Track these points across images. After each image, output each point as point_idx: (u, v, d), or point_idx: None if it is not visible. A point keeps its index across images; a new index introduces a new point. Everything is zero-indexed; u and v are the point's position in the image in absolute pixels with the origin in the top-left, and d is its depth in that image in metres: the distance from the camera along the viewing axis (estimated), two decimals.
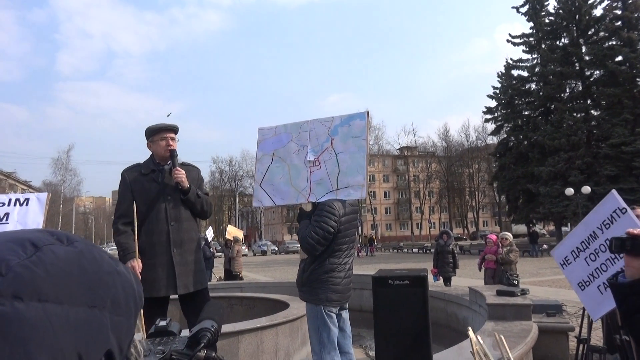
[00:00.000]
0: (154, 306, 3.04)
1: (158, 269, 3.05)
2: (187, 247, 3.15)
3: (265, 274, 22.43)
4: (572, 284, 3.29)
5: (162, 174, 3.20)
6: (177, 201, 3.14)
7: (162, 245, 3.08)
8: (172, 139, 3.25)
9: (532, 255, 27.02)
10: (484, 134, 62.84)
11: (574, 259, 3.24)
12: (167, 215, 3.11)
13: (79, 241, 0.52)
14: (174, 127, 3.30)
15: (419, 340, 3.59)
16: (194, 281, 3.13)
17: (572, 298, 10.68)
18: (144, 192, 3.14)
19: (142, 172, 3.21)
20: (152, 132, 3.25)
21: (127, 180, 3.20)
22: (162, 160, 3.24)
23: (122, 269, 0.55)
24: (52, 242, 0.49)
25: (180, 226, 3.13)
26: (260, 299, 8.28)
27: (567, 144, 32.20)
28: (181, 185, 3.11)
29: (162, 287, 3.04)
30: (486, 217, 77.13)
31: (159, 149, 3.22)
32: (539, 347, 5.31)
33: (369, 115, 3.06)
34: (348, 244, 3.02)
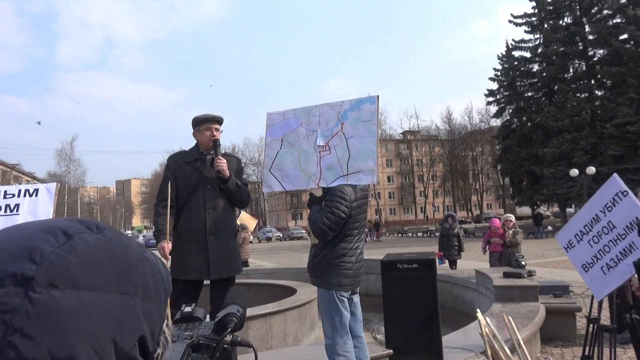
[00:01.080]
0: (188, 289, 3.13)
1: (194, 253, 3.17)
2: (223, 235, 3.25)
3: (271, 260, 22.55)
4: (576, 266, 3.35)
5: (204, 163, 3.31)
6: (216, 190, 3.25)
7: (198, 232, 3.19)
8: (217, 129, 3.35)
9: (537, 237, 27.07)
10: (487, 116, 62.59)
11: (578, 242, 3.30)
12: (205, 204, 3.21)
13: (107, 229, 0.53)
14: (219, 118, 3.40)
15: (429, 323, 3.62)
16: (227, 267, 3.24)
17: (578, 279, 10.70)
18: (185, 179, 3.25)
19: (186, 160, 3.33)
20: (198, 121, 3.35)
21: (171, 166, 3.32)
22: (206, 150, 3.35)
23: (150, 256, 0.55)
24: (83, 230, 0.50)
25: (216, 214, 3.24)
26: (268, 285, 8.35)
27: (570, 124, 32.00)
28: (222, 174, 3.21)
29: (195, 271, 3.16)
30: (490, 200, 77.12)
31: (203, 138, 3.31)
32: (546, 327, 5.35)
33: (379, 99, 3.03)
34: (359, 229, 3.04)
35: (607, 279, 3.09)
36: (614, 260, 3.05)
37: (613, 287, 3.10)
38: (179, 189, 3.24)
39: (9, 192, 3.30)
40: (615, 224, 3.06)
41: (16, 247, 0.46)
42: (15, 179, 65.51)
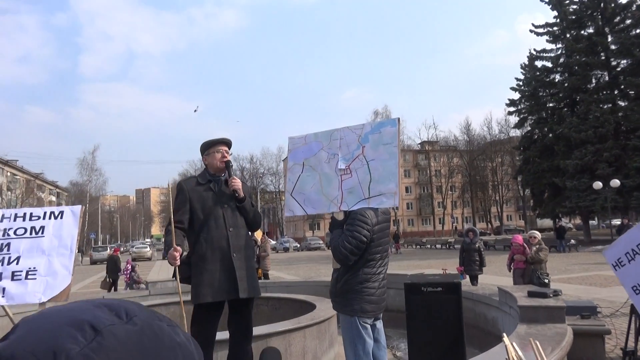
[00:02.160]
0: (213, 310, 3.09)
1: (219, 273, 3.12)
2: (246, 253, 3.24)
3: (289, 272, 22.50)
4: (625, 286, 3.14)
5: (218, 184, 3.31)
6: (233, 209, 3.25)
7: (222, 251, 3.15)
8: (226, 151, 3.37)
9: (560, 250, 26.48)
10: (506, 127, 61.89)
11: (629, 262, 3.10)
12: (226, 222, 3.20)
13: (138, 315, 0.50)
14: (227, 140, 3.43)
15: (453, 347, 3.52)
16: (253, 286, 3.21)
17: (604, 297, 10.43)
18: (201, 200, 3.24)
19: (198, 182, 3.33)
20: (207, 145, 3.38)
21: (184, 189, 3.30)
22: (217, 172, 3.35)
23: (182, 339, 0.53)
24: (112, 322, 0.48)
25: (238, 232, 3.23)
26: (286, 300, 8.27)
27: (594, 136, 31.40)
28: (237, 193, 3.22)
29: (224, 291, 3.11)
30: (510, 212, 75.98)
31: (214, 161, 3.33)
32: (573, 350, 5.16)
33: (400, 122, 2.98)
34: (381, 253, 2.97)
35: None
36: None
37: None
38: (194, 210, 3.22)
39: (34, 215, 3.32)
40: None
41: (40, 347, 0.43)
42: (39, 188, 66.86)
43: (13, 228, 3.20)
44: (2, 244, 3.12)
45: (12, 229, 3.20)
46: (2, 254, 3.08)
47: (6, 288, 2.97)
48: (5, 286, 2.97)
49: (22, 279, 3.01)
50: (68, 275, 3.11)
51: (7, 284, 2.98)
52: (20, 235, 3.18)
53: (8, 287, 2.97)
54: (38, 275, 3.04)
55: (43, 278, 3.05)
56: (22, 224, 3.22)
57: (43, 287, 3.02)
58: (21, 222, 3.23)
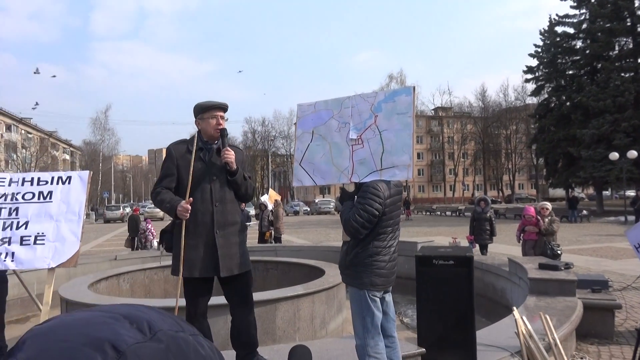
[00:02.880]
0: (198, 286, 3.04)
1: (200, 249, 2.99)
2: (231, 229, 3.08)
3: (299, 236, 22.70)
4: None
5: (209, 153, 3.12)
6: (222, 182, 3.07)
7: (205, 226, 3.01)
8: (222, 117, 3.16)
9: (571, 221, 26.30)
10: (523, 94, 60.61)
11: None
12: (212, 196, 3.04)
13: (162, 329, 0.45)
14: (224, 105, 3.20)
15: (463, 321, 3.50)
16: (237, 263, 3.07)
17: (615, 269, 10.38)
18: (189, 170, 3.05)
19: (189, 149, 3.12)
20: (201, 109, 3.15)
21: (173, 155, 3.12)
22: (210, 139, 3.15)
23: (207, 352, 0.48)
24: (135, 339, 0.42)
25: (224, 208, 3.06)
26: (296, 264, 8.34)
27: (613, 105, 30.61)
28: (229, 166, 3.03)
29: (203, 268, 2.99)
30: (522, 180, 75.39)
31: (208, 127, 3.12)
32: (582, 323, 5.15)
33: (416, 90, 2.85)
34: (393, 227, 2.91)
35: None
36: None
37: None
38: (182, 180, 3.04)
39: (42, 179, 3.28)
40: None
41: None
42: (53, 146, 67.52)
43: (21, 192, 3.18)
44: (11, 209, 3.11)
45: (20, 193, 3.17)
46: (10, 219, 3.07)
47: (15, 253, 2.97)
48: (15, 251, 2.98)
49: (30, 244, 3.00)
50: (76, 241, 3.10)
51: (16, 249, 2.98)
52: (28, 200, 3.16)
53: (17, 252, 2.98)
54: (47, 241, 3.04)
55: (52, 243, 3.04)
56: (30, 189, 3.20)
57: (52, 253, 3.02)
58: (29, 186, 3.21)
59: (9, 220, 3.05)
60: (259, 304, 5.08)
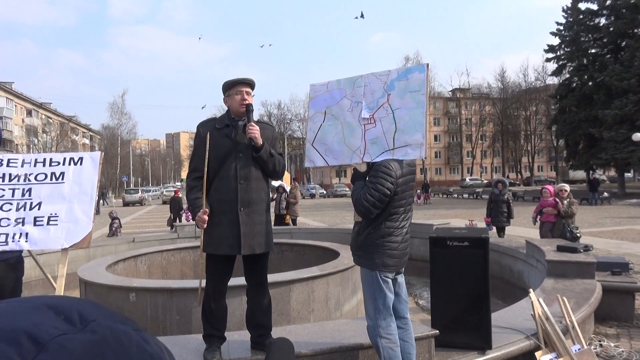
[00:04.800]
0: (219, 264, 3.05)
1: (224, 227, 3.00)
2: (255, 208, 3.07)
3: (314, 218, 22.76)
4: None
5: (235, 130, 3.11)
6: (248, 159, 3.06)
7: (229, 204, 3.02)
8: (248, 93, 3.14)
9: (591, 203, 25.86)
10: (543, 74, 59.29)
11: None
12: (237, 173, 3.03)
13: (96, 320, 0.38)
14: (250, 80, 3.19)
15: (478, 303, 3.45)
16: (259, 243, 3.07)
17: (636, 252, 10.17)
18: (216, 147, 3.07)
19: (216, 127, 3.14)
20: (228, 86, 3.16)
21: (201, 134, 3.13)
22: (237, 116, 3.14)
23: (154, 349, 0.41)
24: (61, 331, 0.35)
25: (249, 185, 3.05)
26: (311, 246, 8.35)
27: (637, 84, 29.74)
28: (254, 142, 3.01)
29: (226, 246, 3.00)
30: (541, 162, 74.23)
31: (234, 103, 3.11)
32: (601, 306, 5.06)
33: (429, 68, 2.77)
34: (405, 207, 2.85)
35: None
36: None
37: None
38: (210, 157, 3.05)
39: (54, 160, 3.29)
40: None
41: None
42: (73, 131, 68.52)
43: (34, 173, 3.20)
44: (24, 189, 3.13)
45: (32, 174, 3.19)
46: (24, 199, 3.09)
47: (29, 233, 3.00)
48: (29, 231, 3.00)
49: (44, 225, 3.03)
50: (89, 222, 3.12)
51: (30, 229, 3.01)
52: (41, 180, 3.18)
53: (31, 232, 3.00)
54: (60, 221, 3.06)
55: (65, 224, 3.06)
56: (43, 170, 3.21)
57: (65, 233, 3.04)
58: (41, 167, 3.23)
59: (22, 201, 3.08)
60: (273, 285, 5.10)
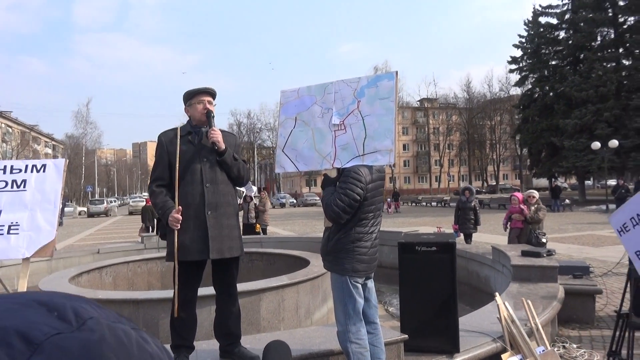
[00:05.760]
0: (189, 270, 3.00)
1: (192, 231, 2.96)
2: (223, 211, 3.05)
3: (284, 227, 22.69)
4: (628, 251, 3.07)
5: (198, 136, 3.12)
6: (213, 163, 3.05)
7: (196, 207, 2.99)
8: (210, 102, 3.16)
9: (554, 210, 26.66)
10: (507, 85, 61.08)
11: (633, 227, 3.02)
12: (203, 177, 3.02)
13: (94, 318, 0.35)
14: (211, 90, 3.21)
15: (446, 307, 3.51)
16: (228, 247, 3.03)
17: (596, 256, 10.53)
18: (180, 154, 3.06)
19: (177, 134, 3.13)
20: (189, 95, 3.18)
21: (162, 142, 3.12)
22: (199, 124, 3.16)
23: (154, 349, 0.39)
24: (56, 330, 0.33)
25: (216, 188, 3.04)
26: (281, 255, 8.32)
27: (595, 95, 31.00)
28: (217, 146, 3.01)
29: (194, 251, 2.96)
30: (506, 171, 76.21)
31: (195, 112, 3.13)
32: (564, 308, 5.22)
33: (398, 75, 2.82)
34: (374, 212, 2.89)
35: None
36: None
37: None
38: (172, 165, 3.03)
39: (15, 167, 3.17)
40: None
41: None
42: (34, 140, 66.40)
43: None
44: None
45: None
46: None
47: None
48: None
49: (4, 234, 2.91)
50: (52, 230, 3.01)
51: None
52: (1, 188, 3.07)
53: None
54: (21, 230, 2.95)
55: (26, 233, 2.95)
56: (3, 177, 3.09)
57: (26, 243, 2.93)
58: (1, 175, 3.10)
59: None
60: (243, 294, 5.04)
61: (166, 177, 3.03)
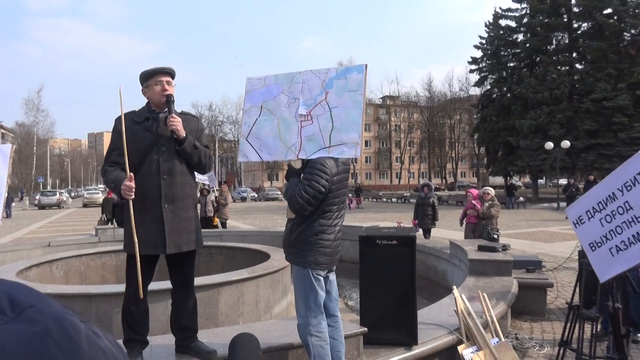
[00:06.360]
0: (142, 263, 2.87)
1: (148, 225, 2.82)
2: (181, 204, 2.91)
3: (245, 221, 22.48)
4: (582, 243, 3.15)
5: (156, 123, 2.92)
6: (171, 153, 2.88)
7: (152, 200, 2.84)
8: (169, 83, 2.94)
9: (509, 207, 27.56)
10: (467, 84, 62.62)
11: (588, 219, 3.10)
12: (160, 168, 2.86)
13: (35, 306, 0.31)
14: (170, 70, 2.99)
15: (405, 300, 3.54)
16: (186, 240, 2.91)
17: (548, 251, 10.96)
18: (136, 141, 2.86)
19: (135, 120, 2.92)
20: (146, 76, 2.95)
21: (118, 127, 2.90)
22: (158, 107, 2.95)
23: (107, 344, 0.34)
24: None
25: (173, 180, 2.88)
26: (241, 249, 8.21)
27: (549, 97, 32.20)
28: (176, 135, 2.84)
29: (150, 245, 2.83)
30: (464, 169, 78.23)
31: (153, 94, 2.92)
32: (517, 301, 5.39)
33: (367, 68, 2.81)
34: (339, 205, 2.87)
35: (614, 261, 2.94)
36: (625, 243, 2.87)
37: (619, 270, 2.95)
38: (129, 152, 2.84)
39: None
40: (633, 205, 2.84)
41: None
42: None
43: None
44: None
45: None
46: None
47: None
48: None
49: None
50: None
51: None
52: None
53: None
54: None
55: None
56: None
57: None
58: None
59: None
60: (201, 288, 4.93)
61: (122, 162, 2.86)
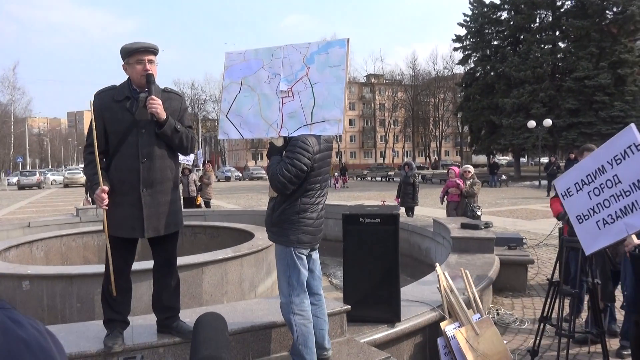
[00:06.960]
0: (122, 245, 2.82)
1: (126, 208, 2.76)
2: (160, 188, 2.83)
3: (229, 201, 22.39)
4: (569, 215, 3.17)
5: (137, 103, 2.79)
6: (151, 135, 2.78)
7: (130, 184, 2.76)
8: (151, 61, 2.81)
9: (491, 185, 27.90)
10: (451, 63, 62.56)
11: (577, 192, 3.10)
12: (139, 152, 2.75)
13: None
14: (152, 47, 2.84)
15: (388, 278, 3.55)
16: (165, 224, 2.85)
17: (529, 229, 11.13)
18: (115, 122, 2.76)
19: (114, 99, 2.80)
20: (126, 52, 2.80)
21: (97, 105, 2.79)
22: (139, 86, 2.82)
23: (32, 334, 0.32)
24: None
25: (152, 164, 2.79)
26: (224, 228, 8.18)
27: (532, 76, 32.34)
28: (156, 117, 2.73)
29: (128, 228, 2.78)
30: (448, 147, 78.72)
31: (134, 73, 2.78)
32: (498, 278, 5.47)
33: (350, 43, 2.74)
34: (321, 183, 2.83)
35: (600, 234, 2.95)
36: (612, 217, 2.88)
37: (605, 243, 2.96)
38: (108, 133, 2.75)
39: None
40: (622, 179, 2.83)
41: None
42: None
43: None
44: None
45: None
46: None
47: None
48: None
49: None
50: None
51: None
52: None
53: None
54: None
55: None
56: None
57: None
58: None
59: None
60: (185, 268, 4.90)
61: (102, 144, 2.77)
